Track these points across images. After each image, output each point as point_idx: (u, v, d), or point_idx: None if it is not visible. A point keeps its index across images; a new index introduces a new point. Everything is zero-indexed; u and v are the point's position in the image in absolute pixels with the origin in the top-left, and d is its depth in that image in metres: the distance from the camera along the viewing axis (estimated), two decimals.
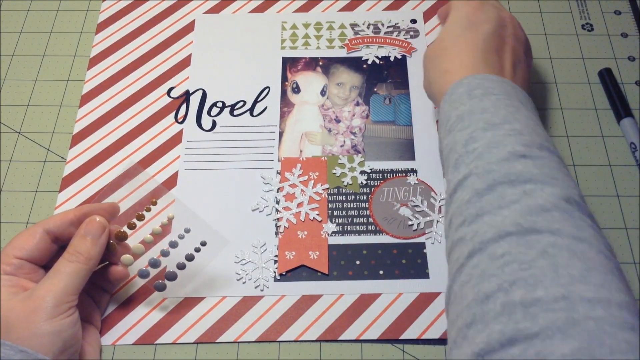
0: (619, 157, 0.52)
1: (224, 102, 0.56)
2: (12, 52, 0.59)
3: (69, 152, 0.53)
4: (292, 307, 0.46)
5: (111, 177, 0.52)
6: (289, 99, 0.56)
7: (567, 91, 0.56)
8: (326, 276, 0.47)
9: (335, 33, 0.59)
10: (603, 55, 0.58)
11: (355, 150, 0.53)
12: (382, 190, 0.51)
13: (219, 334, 0.45)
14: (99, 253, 0.40)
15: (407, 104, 0.55)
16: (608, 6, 0.61)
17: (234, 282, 0.47)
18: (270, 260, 0.48)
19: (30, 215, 0.50)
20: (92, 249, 0.40)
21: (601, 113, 0.55)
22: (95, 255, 0.40)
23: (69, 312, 0.38)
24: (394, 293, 0.46)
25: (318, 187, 0.51)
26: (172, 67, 0.58)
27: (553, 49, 0.58)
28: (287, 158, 0.52)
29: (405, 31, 0.59)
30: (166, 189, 0.47)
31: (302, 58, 0.58)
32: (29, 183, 0.52)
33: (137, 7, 0.62)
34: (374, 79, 0.57)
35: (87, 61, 0.58)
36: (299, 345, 0.45)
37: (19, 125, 0.55)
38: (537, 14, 0.61)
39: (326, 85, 0.56)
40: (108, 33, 0.60)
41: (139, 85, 0.57)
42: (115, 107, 0.56)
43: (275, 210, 0.50)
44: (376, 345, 0.45)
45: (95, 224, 0.41)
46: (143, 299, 0.46)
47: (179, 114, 0.55)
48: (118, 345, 0.44)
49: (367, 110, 0.55)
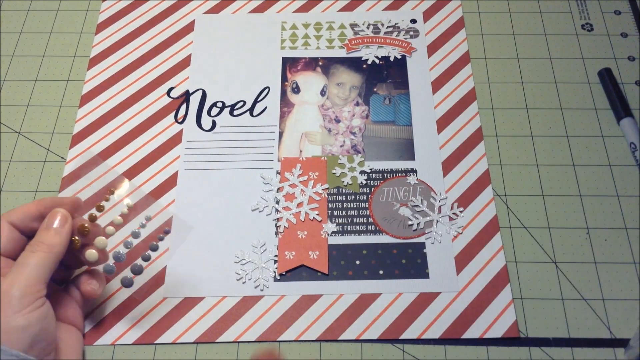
0: (619, 157, 0.52)
1: (224, 102, 0.56)
2: (12, 52, 0.59)
3: (69, 152, 0.53)
4: (292, 307, 0.46)
5: (111, 177, 0.52)
6: (288, 99, 0.56)
7: (567, 91, 0.56)
8: (326, 276, 0.47)
9: (335, 33, 0.59)
10: (603, 55, 0.58)
11: (355, 150, 0.53)
12: (382, 190, 0.51)
13: (219, 334, 0.45)
14: (63, 243, 0.39)
15: (407, 104, 0.55)
16: (608, 6, 0.61)
17: (234, 282, 0.47)
18: (270, 260, 0.48)
19: None
20: (54, 238, 0.39)
21: (601, 113, 0.55)
22: (58, 243, 0.39)
23: (36, 304, 0.36)
24: (394, 293, 0.46)
25: (318, 187, 0.51)
26: (172, 67, 0.58)
27: (553, 49, 0.59)
28: (287, 158, 0.52)
29: (405, 31, 0.59)
30: (125, 178, 0.45)
31: (302, 58, 0.58)
32: (29, 183, 0.52)
33: (137, 7, 0.62)
34: (373, 79, 0.57)
35: (87, 61, 0.58)
36: (299, 345, 0.45)
37: (19, 125, 0.55)
38: (537, 14, 0.61)
39: (326, 85, 0.56)
40: (108, 33, 0.60)
41: (139, 85, 0.57)
42: (115, 107, 0.56)
43: (275, 210, 0.50)
44: (376, 345, 0.45)
45: (57, 214, 0.40)
46: (143, 299, 0.46)
47: (178, 114, 0.55)
48: (118, 345, 0.44)
49: (367, 110, 0.55)
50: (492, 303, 0.46)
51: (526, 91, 0.56)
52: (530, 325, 0.45)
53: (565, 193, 0.51)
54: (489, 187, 0.51)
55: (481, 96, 0.56)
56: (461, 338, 0.45)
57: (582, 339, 0.45)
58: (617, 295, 0.46)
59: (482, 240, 0.48)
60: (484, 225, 0.49)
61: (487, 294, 0.46)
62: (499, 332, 0.45)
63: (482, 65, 0.58)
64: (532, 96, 0.56)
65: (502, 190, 0.51)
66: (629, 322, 0.45)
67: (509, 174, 0.52)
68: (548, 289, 0.47)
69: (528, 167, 0.52)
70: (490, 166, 0.52)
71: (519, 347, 0.44)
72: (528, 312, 0.46)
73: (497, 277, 0.47)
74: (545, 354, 0.44)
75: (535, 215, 0.50)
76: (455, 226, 0.49)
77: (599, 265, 0.48)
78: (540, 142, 0.53)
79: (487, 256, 0.48)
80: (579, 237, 0.49)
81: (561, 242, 0.49)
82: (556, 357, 0.44)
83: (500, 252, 0.48)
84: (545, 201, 0.50)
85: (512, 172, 0.52)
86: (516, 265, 0.48)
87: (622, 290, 0.47)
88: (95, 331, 0.45)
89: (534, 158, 0.52)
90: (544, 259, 0.48)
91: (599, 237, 0.49)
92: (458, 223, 0.49)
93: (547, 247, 0.48)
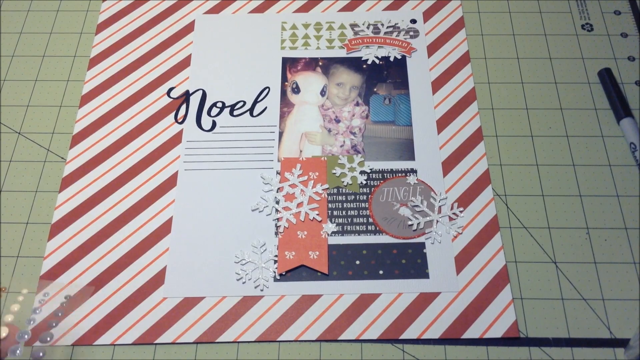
0: (619, 157, 0.52)
1: (224, 102, 0.56)
2: (12, 52, 0.59)
3: (69, 152, 0.53)
4: (292, 307, 0.46)
5: (111, 177, 0.52)
6: (288, 99, 0.56)
7: (567, 91, 0.56)
8: (326, 276, 0.47)
9: (335, 33, 0.59)
10: (603, 55, 0.58)
11: (355, 150, 0.53)
12: (381, 190, 0.51)
13: (219, 334, 0.45)
14: None
15: (407, 104, 0.55)
16: (608, 6, 0.61)
17: (234, 282, 0.47)
18: (270, 260, 0.48)
19: (30, 215, 0.50)
20: None
21: (601, 113, 0.55)
22: None
23: None
24: (394, 293, 0.46)
25: (318, 187, 0.51)
26: (172, 67, 0.58)
27: (553, 49, 0.59)
28: (287, 158, 0.52)
29: (405, 31, 0.59)
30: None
31: (302, 58, 0.58)
32: (29, 183, 0.52)
33: (137, 7, 0.62)
34: (373, 79, 0.57)
35: (87, 61, 0.58)
36: (299, 345, 0.45)
37: (19, 125, 0.55)
38: (537, 14, 0.61)
39: (326, 86, 0.56)
40: (108, 33, 0.60)
41: (139, 86, 0.57)
42: (115, 107, 0.56)
43: (275, 210, 0.50)
44: (376, 345, 0.45)
45: None
46: (143, 299, 0.46)
47: (178, 114, 0.55)
48: (117, 345, 0.44)
49: (367, 111, 0.55)
50: (492, 303, 0.46)
51: (526, 91, 0.56)
52: (530, 325, 0.45)
53: (565, 193, 0.51)
54: (489, 187, 0.51)
55: (481, 96, 0.56)
56: (461, 338, 0.45)
57: (582, 339, 0.45)
58: (617, 295, 0.46)
59: (482, 240, 0.48)
60: (484, 225, 0.49)
61: (487, 294, 0.46)
62: (498, 332, 0.45)
63: (482, 65, 0.58)
64: (532, 96, 0.56)
65: (502, 190, 0.51)
66: (629, 322, 0.45)
67: (509, 174, 0.52)
68: (548, 289, 0.47)
69: (528, 167, 0.52)
70: (490, 166, 0.52)
71: (519, 347, 0.44)
72: (528, 312, 0.46)
73: (497, 277, 0.47)
74: (545, 354, 0.44)
75: (535, 215, 0.50)
76: (455, 226, 0.49)
77: (599, 265, 0.48)
78: (540, 142, 0.53)
79: (487, 256, 0.48)
80: (579, 237, 0.49)
81: (561, 242, 0.49)
82: (556, 357, 0.44)
83: (500, 252, 0.48)
84: (545, 201, 0.50)
85: (512, 172, 0.52)
86: (516, 265, 0.48)
87: (622, 290, 0.47)
88: (95, 331, 0.45)
89: (534, 158, 0.53)
90: (544, 259, 0.48)
91: (599, 237, 0.49)
92: (458, 223, 0.49)
93: (547, 247, 0.48)
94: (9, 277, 0.48)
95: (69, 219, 0.50)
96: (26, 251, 0.49)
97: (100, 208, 0.50)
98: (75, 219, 0.50)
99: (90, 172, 0.52)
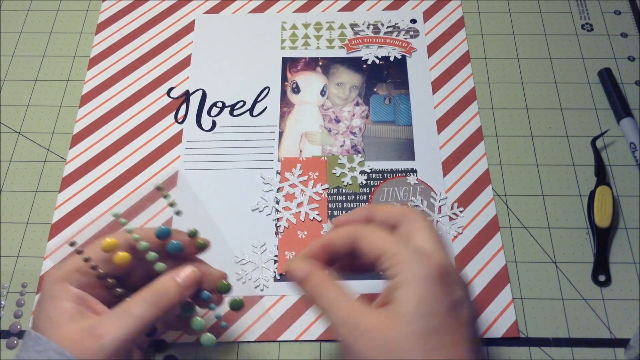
0: (619, 157, 0.52)
1: (224, 102, 0.56)
2: (12, 52, 0.59)
3: (69, 152, 0.53)
4: (292, 307, 0.46)
5: (111, 177, 0.52)
6: (288, 99, 0.56)
7: (567, 91, 0.56)
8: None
9: (335, 33, 0.59)
10: (603, 55, 0.58)
11: (355, 150, 0.53)
12: (382, 190, 0.51)
13: (219, 334, 0.45)
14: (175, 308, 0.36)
15: (407, 104, 0.55)
16: (608, 6, 0.61)
17: (234, 282, 0.47)
18: (270, 260, 0.48)
19: (30, 215, 0.50)
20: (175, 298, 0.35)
21: (601, 113, 0.55)
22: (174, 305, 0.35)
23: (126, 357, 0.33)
24: None
25: (318, 187, 0.51)
26: (172, 67, 0.58)
27: (553, 49, 0.59)
28: (287, 158, 0.52)
29: (405, 31, 0.59)
30: None
31: (302, 58, 0.58)
32: (29, 183, 0.52)
33: (137, 7, 0.62)
34: (373, 79, 0.57)
35: (87, 61, 0.58)
36: (299, 345, 0.45)
37: (19, 125, 0.55)
38: (537, 14, 0.61)
39: (326, 85, 0.56)
40: (108, 33, 0.60)
41: (139, 85, 0.57)
42: (115, 107, 0.56)
43: (275, 210, 0.50)
44: None
45: (193, 276, 0.36)
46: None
47: (178, 114, 0.55)
48: None
49: (367, 110, 0.55)
50: (492, 303, 0.46)
51: (526, 91, 0.56)
52: (530, 325, 0.45)
53: (565, 193, 0.51)
54: (489, 187, 0.51)
55: (481, 96, 0.56)
56: None
57: (582, 339, 0.45)
58: (617, 295, 0.46)
59: (482, 240, 0.48)
60: (484, 225, 0.49)
61: (487, 294, 0.46)
62: (499, 332, 0.45)
63: (482, 65, 0.58)
64: (532, 96, 0.56)
65: (502, 190, 0.51)
66: (629, 322, 0.45)
67: (509, 174, 0.52)
68: (548, 289, 0.47)
69: (528, 167, 0.52)
70: (490, 166, 0.52)
71: (519, 347, 0.44)
72: (528, 312, 0.46)
73: (497, 277, 0.47)
74: (545, 354, 0.44)
75: (535, 215, 0.50)
76: (455, 226, 0.49)
77: None
78: (540, 142, 0.53)
79: (487, 256, 0.48)
80: (579, 237, 0.49)
81: (561, 242, 0.49)
82: (556, 357, 0.44)
83: (500, 252, 0.48)
84: (545, 201, 0.50)
85: (512, 172, 0.52)
86: (516, 265, 0.48)
87: (622, 290, 0.47)
88: None
89: (534, 158, 0.52)
90: (543, 259, 0.48)
91: None
92: (458, 223, 0.49)
93: (547, 247, 0.48)
94: (9, 277, 0.48)
95: (69, 219, 0.50)
96: (26, 251, 0.49)
97: (101, 208, 0.50)
98: (75, 219, 0.50)
99: (90, 172, 0.52)
